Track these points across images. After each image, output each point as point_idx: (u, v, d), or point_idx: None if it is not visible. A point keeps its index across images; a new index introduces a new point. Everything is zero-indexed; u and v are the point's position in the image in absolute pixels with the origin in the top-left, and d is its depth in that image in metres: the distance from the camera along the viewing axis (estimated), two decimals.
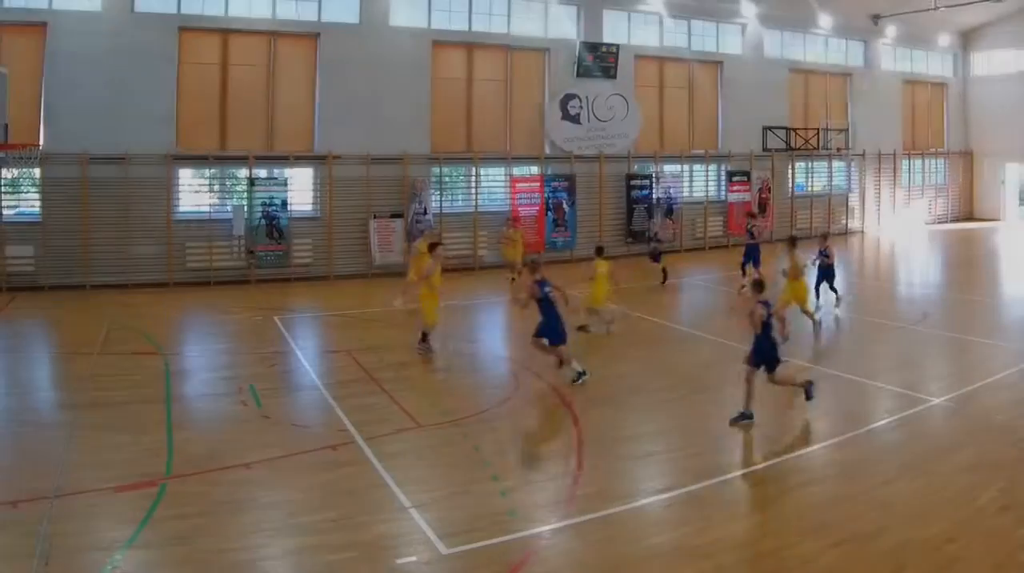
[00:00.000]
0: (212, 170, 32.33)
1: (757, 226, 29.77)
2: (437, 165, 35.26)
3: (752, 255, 28.90)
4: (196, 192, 32.53)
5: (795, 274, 22.21)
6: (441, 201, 35.34)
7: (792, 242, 23.21)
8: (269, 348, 21.22)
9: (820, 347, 21.36)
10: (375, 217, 33.30)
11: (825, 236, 26.10)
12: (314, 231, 32.74)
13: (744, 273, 28.60)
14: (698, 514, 11.40)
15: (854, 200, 48.55)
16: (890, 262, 41.08)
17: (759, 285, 15.64)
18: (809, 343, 22.14)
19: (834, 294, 25.21)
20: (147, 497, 11.66)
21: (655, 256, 31.16)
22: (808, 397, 15.45)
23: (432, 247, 20.72)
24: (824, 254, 24.93)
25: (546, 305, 17.78)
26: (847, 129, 46.48)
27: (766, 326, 14.95)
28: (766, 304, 15.11)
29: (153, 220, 30.02)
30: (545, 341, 17.85)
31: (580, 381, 17.40)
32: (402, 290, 23.03)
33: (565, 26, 38.20)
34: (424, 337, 20.32)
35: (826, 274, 25.09)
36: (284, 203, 32.01)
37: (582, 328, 22.00)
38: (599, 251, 23.82)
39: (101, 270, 29.26)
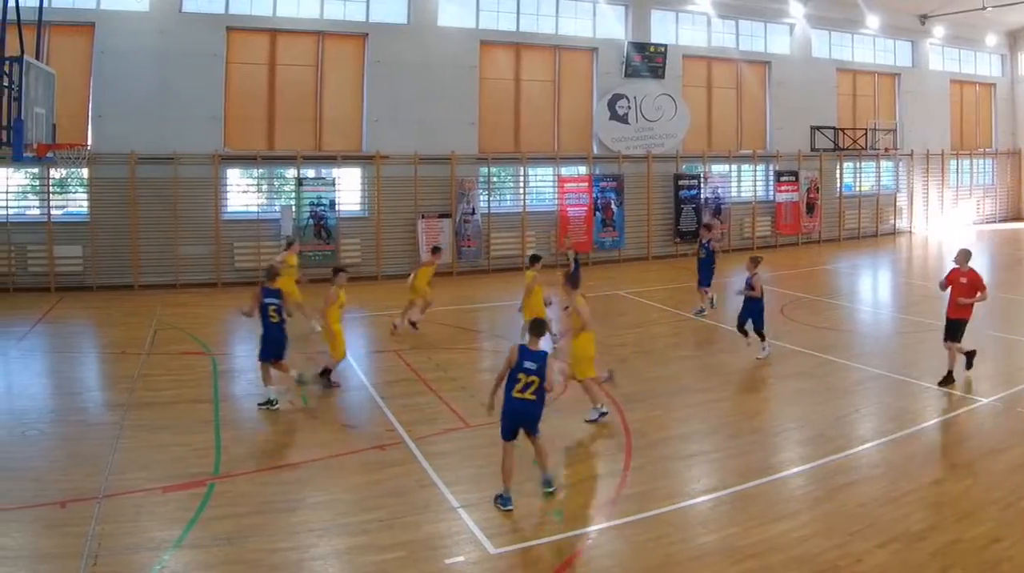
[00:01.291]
0: (260, 170, 31.08)
1: (713, 239, 25.17)
2: (485, 165, 33.83)
3: (706, 273, 24.27)
4: (244, 192, 31.36)
5: (577, 325, 14.97)
6: (489, 201, 33.88)
7: (572, 281, 15.81)
8: (317, 348, 20.11)
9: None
10: (423, 217, 32.02)
11: (755, 261, 19.43)
12: (362, 231, 31.52)
13: (701, 295, 24.59)
14: (745, 514, 11.04)
15: (902, 200, 46.31)
16: (938, 262, 38.67)
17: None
18: (851, 343, 21.08)
19: (745, 334, 19.24)
20: (195, 497, 11.44)
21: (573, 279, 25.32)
22: None
23: (337, 272, 17.49)
24: (749, 285, 19.03)
25: (263, 316, 15.93)
26: (895, 129, 44.45)
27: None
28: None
29: (201, 220, 29.05)
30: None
31: (270, 406, 15.69)
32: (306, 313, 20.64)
33: (613, 26, 36.61)
34: (326, 371, 17.06)
35: (751, 310, 19.13)
36: (332, 203, 30.84)
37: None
38: (532, 260, 20.28)
39: (149, 270, 28.31)
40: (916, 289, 30.58)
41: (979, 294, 16.51)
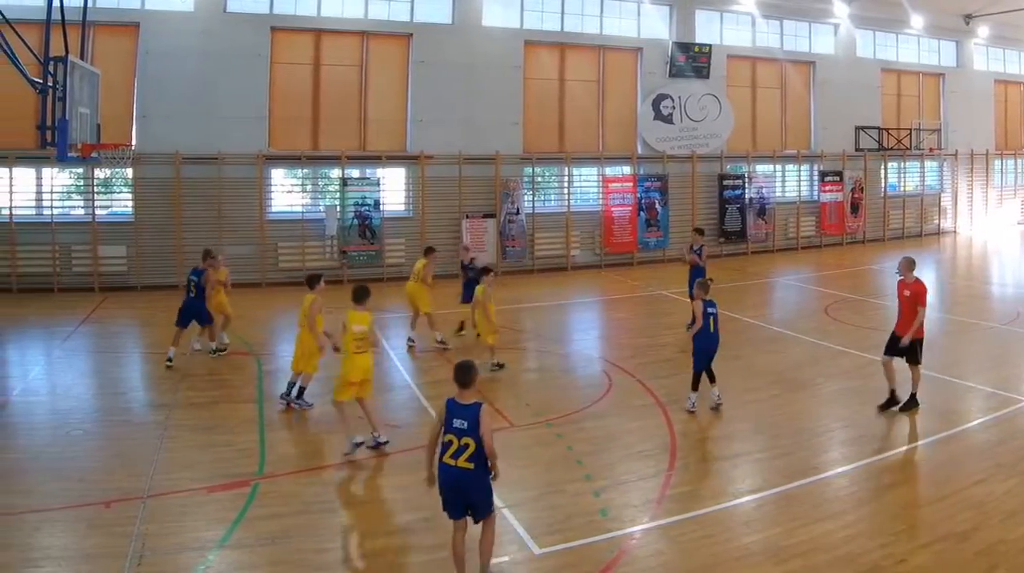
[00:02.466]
0: (304, 170, 29.97)
1: (705, 246, 21.81)
2: (529, 165, 32.35)
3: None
4: (288, 192, 30.34)
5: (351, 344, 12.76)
6: (534, 201, 32.41)
7: (356, 295, 13.17)
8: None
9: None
10: (467, 217, 30.65)
11: (704, 286, 15.09)
12: (406, 231, 30.11)
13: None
14: (789, 514, 10.60)
15: (946, 200, 44.07)
16: (982, 262, 37.41)
17: None
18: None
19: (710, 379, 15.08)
20: (240, 497, 11.06)
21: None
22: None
23: (315, 281, 15.67)
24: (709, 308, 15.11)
25: (186, 289, 18.77)
26: (939, 129, 42.19)
27: None
28: None
29: (245, 220, 27.91)
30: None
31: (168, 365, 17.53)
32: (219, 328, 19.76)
33: (657, 26, 34.84)
34: (301, 391, 15.25)
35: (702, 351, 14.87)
36: (376, 203, 29.49)
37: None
38: (483, 272, 17.80)
39: None
40: (960, 289, 29.30)
41: (918, 310, 14.19)
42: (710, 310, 14.61)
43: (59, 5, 18.94)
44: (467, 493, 8.63)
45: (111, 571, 9.06)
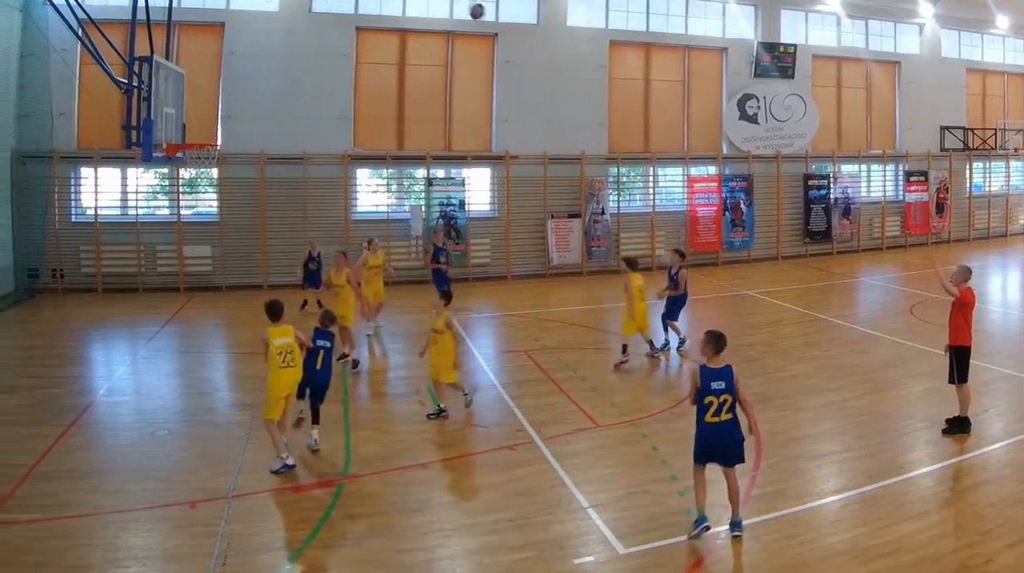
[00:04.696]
0: (389, 170, 27.00)
1: (684, 269, 17.85)
2: (615, 165, 28.97)
3: (678, 306, 17.77)
4: (373, 192, 27.40)
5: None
6: (619, 201, 29.11)
7: (446, 297, 13.45)
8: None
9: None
10: (552, 217, 27.50)
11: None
12: (492, 231, 27.19)
13: (667, 329, 17.64)
14: (875, 514, 9.66)
15: None
16: None
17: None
18: (981, 343, 16.48)
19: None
20: (324, 497, 10.42)
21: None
22: None
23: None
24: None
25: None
26: None
27: None
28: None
29: (330, 220, 25.34)
30: None
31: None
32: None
33: (742, 26, 31.14)
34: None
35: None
36: (462, 203, 26.61)
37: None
38: (631, 264, 16.60)
39: (278, 270, 24.54)
40: None
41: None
42: (320, 343, 12.04)
43: (144, 5, 17.11)
44: (728, 441, 9.06)
45: (196, 571, 8.50)
